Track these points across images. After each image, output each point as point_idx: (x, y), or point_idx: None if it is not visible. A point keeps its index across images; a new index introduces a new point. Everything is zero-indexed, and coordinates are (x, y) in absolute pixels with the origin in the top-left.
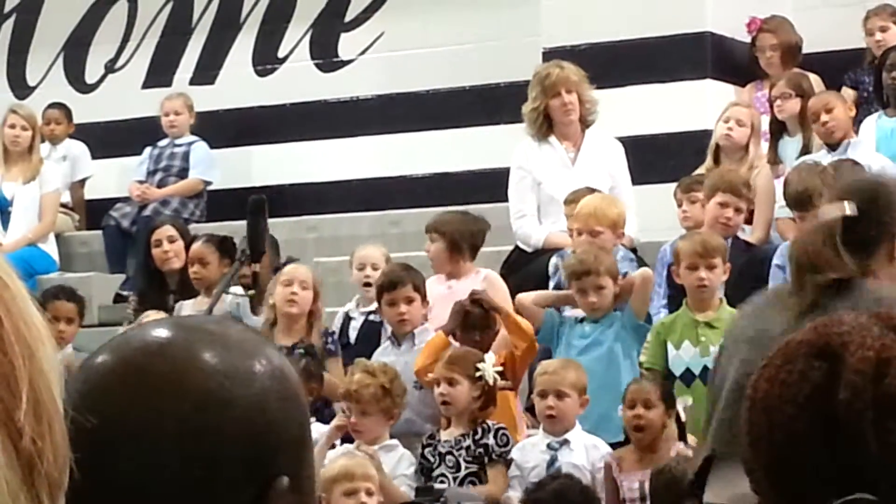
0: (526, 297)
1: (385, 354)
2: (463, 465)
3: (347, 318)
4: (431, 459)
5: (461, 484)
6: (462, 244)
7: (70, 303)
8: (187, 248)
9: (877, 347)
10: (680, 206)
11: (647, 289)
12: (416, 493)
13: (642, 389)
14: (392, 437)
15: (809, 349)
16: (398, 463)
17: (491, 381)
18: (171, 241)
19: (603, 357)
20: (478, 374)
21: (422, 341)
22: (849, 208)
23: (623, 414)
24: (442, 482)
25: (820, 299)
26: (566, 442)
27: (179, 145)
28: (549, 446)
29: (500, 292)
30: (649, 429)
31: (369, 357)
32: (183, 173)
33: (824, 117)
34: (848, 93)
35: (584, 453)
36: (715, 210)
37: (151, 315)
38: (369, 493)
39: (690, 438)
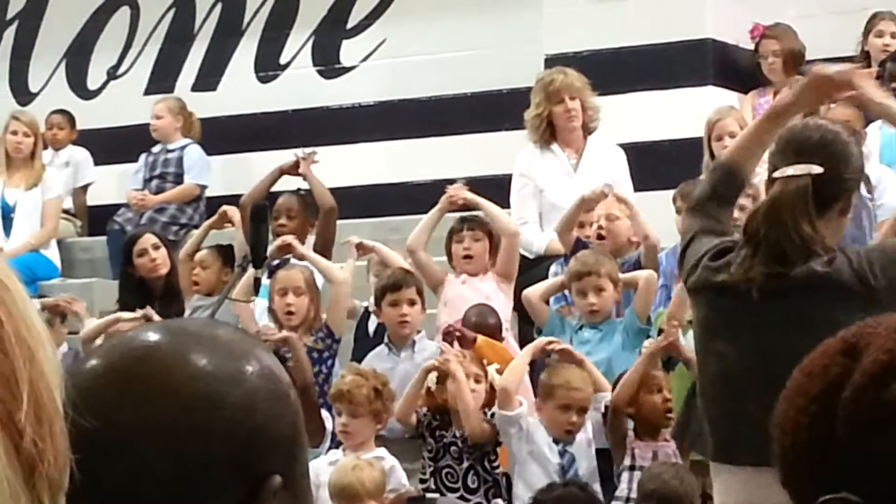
0: (533, 293)
1: (380, 360)
2: (464, 458)
3: (367, 314)
4: (439, 453)
5: (465, 475)
6: (497, 244)
7: None
8: (171, 254)
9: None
10: (679, 213)
11: (651, 290)
12: (408, 503)
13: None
14: (385, 441)
15: (841, 345)
16: (389, 476)
17: (495, 384)
18: (156, 248)
19: (601, 364)
20: (488, 376)
21: (422, 349)
22: (815, 168)
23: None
24: (449, 474)
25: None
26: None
27: (172, 150)
28: (559, 451)
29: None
30: None
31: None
32: (179, 179)
33: None
34: None
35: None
36: None
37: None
38: None
39: None
